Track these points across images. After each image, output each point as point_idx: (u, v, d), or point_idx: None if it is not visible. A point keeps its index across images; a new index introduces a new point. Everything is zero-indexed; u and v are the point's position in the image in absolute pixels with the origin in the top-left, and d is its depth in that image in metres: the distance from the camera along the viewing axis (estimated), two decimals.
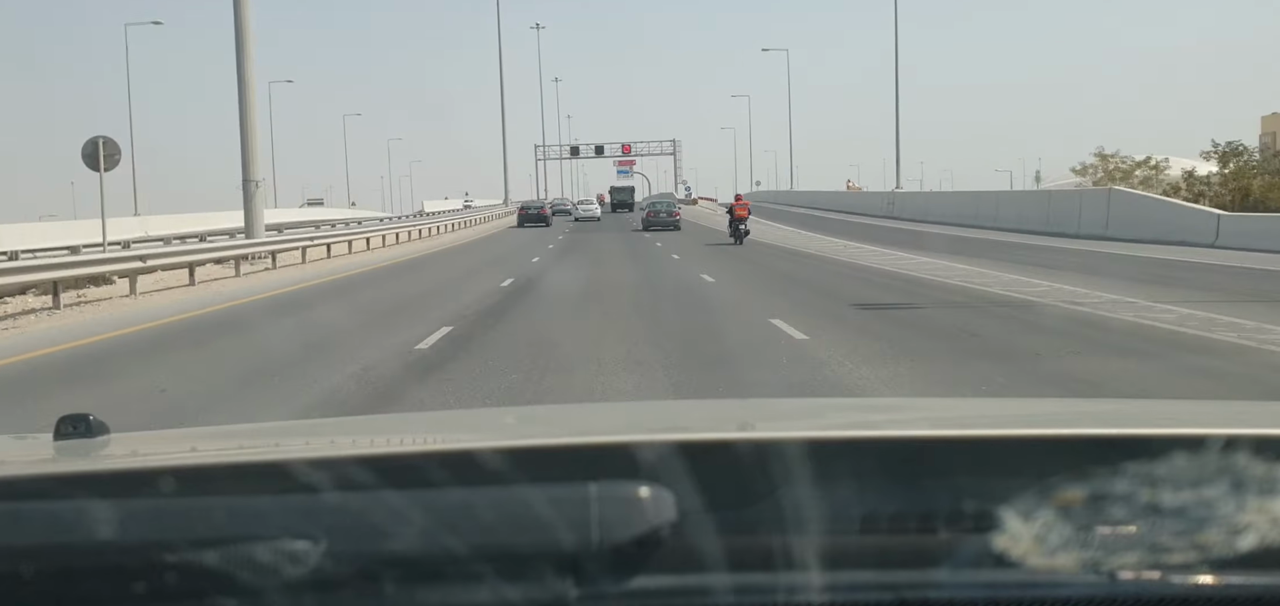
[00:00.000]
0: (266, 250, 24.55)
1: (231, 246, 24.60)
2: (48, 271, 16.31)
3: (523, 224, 55.52)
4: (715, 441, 1.37)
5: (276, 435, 1.95)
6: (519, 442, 1.45)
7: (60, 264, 17.35)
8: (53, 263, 17.81)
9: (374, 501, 1.08)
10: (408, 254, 31.02)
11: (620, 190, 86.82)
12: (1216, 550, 1.10)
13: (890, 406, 3.59)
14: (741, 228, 33.50)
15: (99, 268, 17.80)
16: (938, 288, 16.22)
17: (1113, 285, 15.21)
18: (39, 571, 1.07)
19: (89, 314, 14.83)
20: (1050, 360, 9.17)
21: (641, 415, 2.40)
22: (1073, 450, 1.27)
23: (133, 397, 7.98)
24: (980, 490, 1.17)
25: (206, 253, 22.59)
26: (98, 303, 16.29)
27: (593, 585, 1.07)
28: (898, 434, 1.46)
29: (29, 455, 1.62)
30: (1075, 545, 1.10)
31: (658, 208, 50.08)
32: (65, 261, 18.21)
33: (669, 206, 50.48)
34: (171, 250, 22.54)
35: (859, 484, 1.18)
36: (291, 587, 1.04)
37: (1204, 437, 1.16)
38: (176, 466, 1.30)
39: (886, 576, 1.13)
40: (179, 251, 21.88)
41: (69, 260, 18.63)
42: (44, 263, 18.14)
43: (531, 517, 1.06)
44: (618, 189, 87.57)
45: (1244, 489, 1.11)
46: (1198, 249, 24.11)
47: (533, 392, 7.63)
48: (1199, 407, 2.35)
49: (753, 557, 1.12)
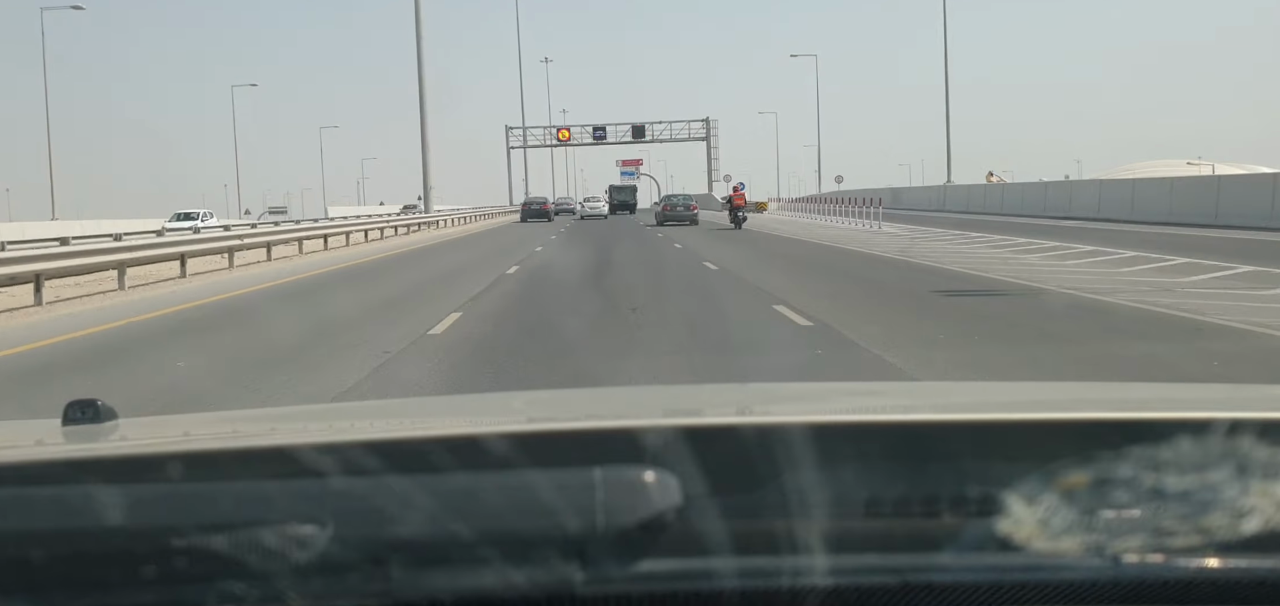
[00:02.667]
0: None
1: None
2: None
3: (526, 219, 56.28)
4: (720, 425, 1.37)
5: (284, 420, 1.96)
6: (524, 428, 1.45)
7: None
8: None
9: (380, 486, 1.09)
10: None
11: (621, 190, 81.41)
12: (1220, 533, 1.10)
13: (895, 390, 3.59)
14: (740, 215, 39.32)
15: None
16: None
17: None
18: (47, 556, 1.07)
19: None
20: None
21: (646, 399, 2.40)
22: (1077, 434, 1.27)
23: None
24: (984, 474, 1.17)
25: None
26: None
27: (598, 569, 1.08)
28: (902, 418, 1.46)
29: (37, 440, 1.62)
30: (1079, 529, 1.10)
31: (674, 200, 48.42)
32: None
33: (685, 200, 48.41)
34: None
35: (863, 468, 1.19)
36: (299, 572, 1.05)
37: (1208, 421, 1.17)
38: (184, 451, 1.30)
39: (891, 560, 1.14)
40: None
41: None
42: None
43: (537, 502, 1.07)
44: (618, 188, 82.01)
45: (1248, 472, 1.11)
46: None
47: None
48: (1203, 391, 2.35)
49: (757, 541, 1.12)
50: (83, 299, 15.77)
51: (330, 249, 30.10)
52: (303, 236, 29.68)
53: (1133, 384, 5.76)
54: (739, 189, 42.03)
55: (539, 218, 56.80)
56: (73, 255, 17.50)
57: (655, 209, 52.19)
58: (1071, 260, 18.07)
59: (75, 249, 18.78)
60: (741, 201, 40.24)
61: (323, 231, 31.79)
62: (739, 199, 40.44)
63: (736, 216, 39.26)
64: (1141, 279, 14.32)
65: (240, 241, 23.55)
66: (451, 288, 15.87)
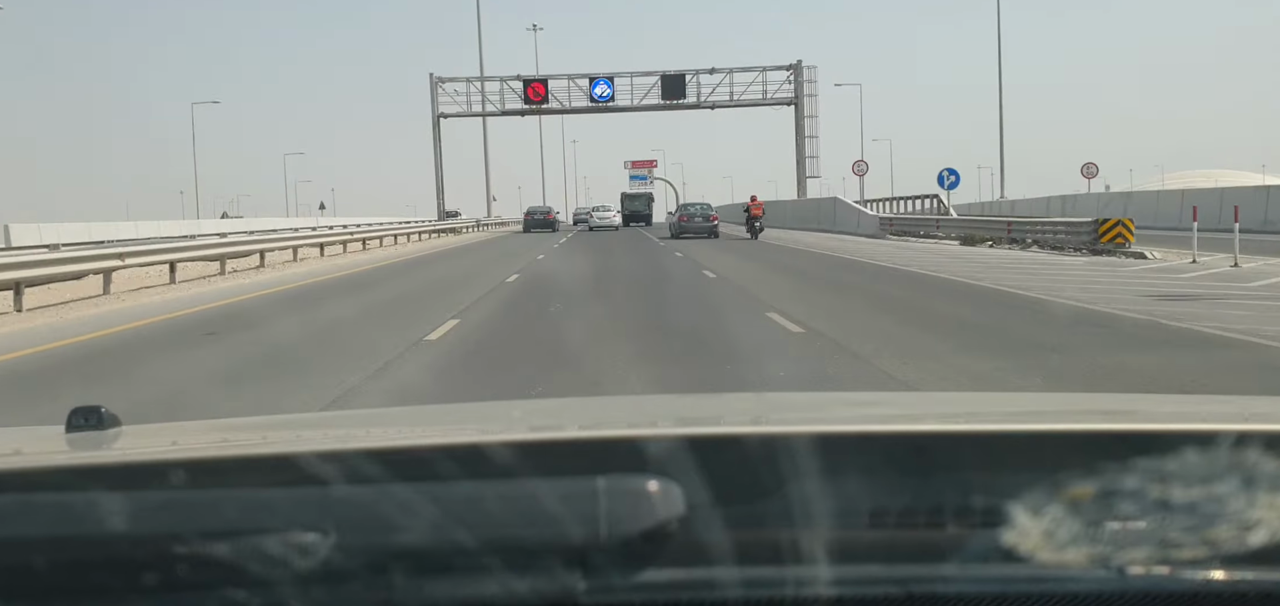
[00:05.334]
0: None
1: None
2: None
3: (528, 229, 54.31)
4: (723, 435, 1.37)
5: (286, 428, 1.96)
6: (527, 436, 1.45)
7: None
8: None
9: (383, 494, 1.09)
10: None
11: (634, 198, 68.77)
12: (1226, 546, 1.09)
13: (899, 400, 3.59)
14: (756, 225, 39.23)
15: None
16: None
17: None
18: (50, 562, 1.07)
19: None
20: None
21: (649, 409, 2.40)
22: (1082, 445, 1.27)
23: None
24: (989, 485, 1.17)
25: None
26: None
27: (601, 578, 1.07)
28: (907, 428, 1.46)
29: (41, 447, 1.62)
30: (1085, 540, 1.10)
31: (691, 210, 43.68)
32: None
33: (703, 210, 43.47)
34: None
35: (868, 478, 1.18)
36: (301, 579, 1.05)
37: (1215, 433, 1.16)
38: (187, 459, 1.30)
39: (895, 570, 1.13)
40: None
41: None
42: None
43: (540, 511, 1.07)
44: (631, 197, 69.10)
45: (1255, 484, 1.11)
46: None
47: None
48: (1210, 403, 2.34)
49: (761, 551, 1.12)
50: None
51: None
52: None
53: (1139, 395, 5.75)
54: (756, 198, 41.74)
55: (543, 227, 54.97)
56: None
57: (670, 220, 47.77)
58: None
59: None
60: (759, 211, 40.47)
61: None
62: (757, 209, 40.56)
63: (753, 225, 39.51)
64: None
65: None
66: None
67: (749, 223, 40.18)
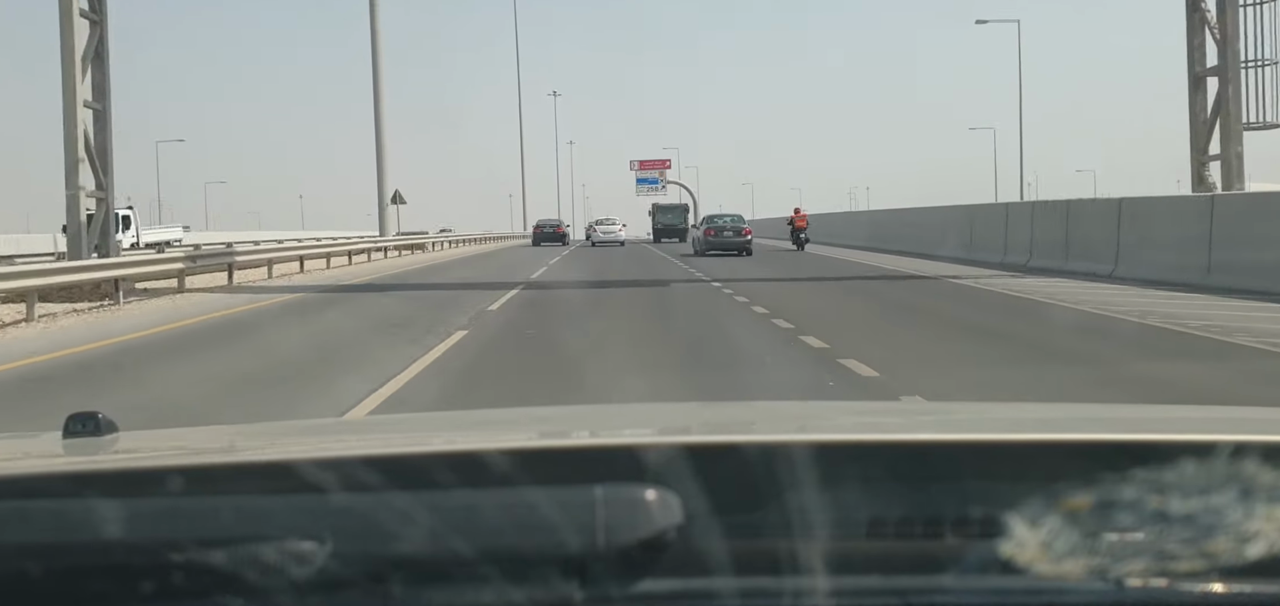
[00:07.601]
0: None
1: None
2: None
3: (538, 243, 53.19)
4: (721, 444, 1.37)
5: (284, 435, 1.95)
6: (525, 444, 1.45)
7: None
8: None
9: (380, 502, 1.09)
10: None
11: (668, 210, 60.38)
12: (1224, 558, 1.09)
13: (897, 410, 3.59)
14: (802, 237, 38.94)
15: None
16: None
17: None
18: (46, 569, 1.07)
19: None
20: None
21: (648, 417, 2.39)
22: (1080, 456, 1.27)
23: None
24: (987, 495, 1.17)
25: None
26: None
27: (598, 588, 1.07)
28: (904, 438, 1.46)
29: (37, 453, 1.62)
30: (1082, 551, 1.10)
31: (719, 222, 37.63)
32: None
33: (735, 222, 37.56)
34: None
35: (865, 488, 1.18)
36: (298, 588, 1.04)
37: (1212, 444, 1.16)
38: (184, 466, 1.30)
39: (893, 581, 1.13)
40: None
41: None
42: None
43: (537, 520, 1.06)
44: (664, 209, 60.77)
45: (1252, 496, 1.11)
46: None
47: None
48: (1207, 414, 2.34)
49: (759, 561, 1.12)
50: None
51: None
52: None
53: (1138, 405, 5.75)
54: (799, 210, 41.38)
55: (553, 241, 53.68)
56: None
57: (692, 235, 42.70)
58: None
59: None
60: (803, 223, 39.94)
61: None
62: (801, 221, 40.04)
63: (798, 238, 39.22)
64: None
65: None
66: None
67: (794, 234, 39.56)
